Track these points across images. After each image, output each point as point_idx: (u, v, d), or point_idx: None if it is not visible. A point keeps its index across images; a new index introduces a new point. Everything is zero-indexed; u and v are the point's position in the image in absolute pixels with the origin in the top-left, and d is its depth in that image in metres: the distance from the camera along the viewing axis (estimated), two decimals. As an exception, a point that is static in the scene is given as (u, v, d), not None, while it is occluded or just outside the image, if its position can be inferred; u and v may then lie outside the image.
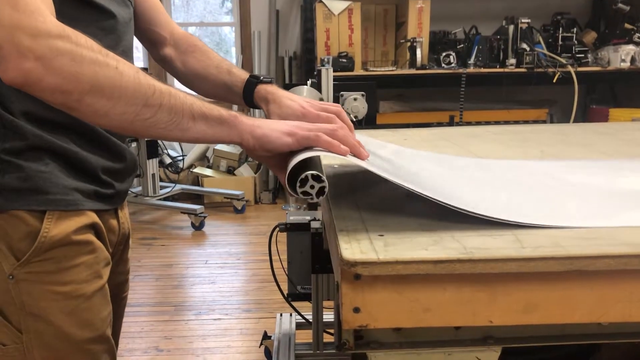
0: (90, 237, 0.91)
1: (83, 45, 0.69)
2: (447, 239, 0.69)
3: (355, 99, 1.96)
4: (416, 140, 1.49)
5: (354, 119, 1.94)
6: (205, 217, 4.10)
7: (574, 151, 1.27)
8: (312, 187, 0.76)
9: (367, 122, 1.99)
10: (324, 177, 0.76)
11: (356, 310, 0.68)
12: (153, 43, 1.14)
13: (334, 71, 3.31)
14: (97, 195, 0.92)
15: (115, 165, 0.95)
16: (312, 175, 0.76)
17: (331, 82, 2.02)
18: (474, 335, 0.75)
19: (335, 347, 0.72)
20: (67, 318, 0.89)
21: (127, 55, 0.98)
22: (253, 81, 1.05)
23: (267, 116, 1.00)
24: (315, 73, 2.17)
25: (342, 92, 2.01)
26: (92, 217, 0.92)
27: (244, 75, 1.07)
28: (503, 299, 0.68)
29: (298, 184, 0.76)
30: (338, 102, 2.04)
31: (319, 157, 0.83)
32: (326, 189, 0.77)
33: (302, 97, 1.00)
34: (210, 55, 1.12)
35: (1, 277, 0.85)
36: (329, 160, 1.13)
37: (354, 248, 0.67)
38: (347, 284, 0.67)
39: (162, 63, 1.15)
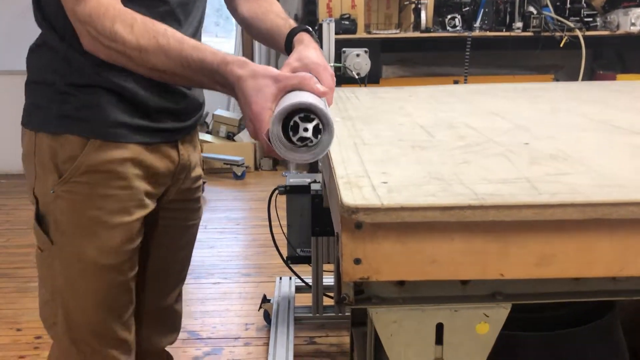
0: (127, 170, 0.96)
1: (101, 33, 0.85)
2: (457, 186, 0.64)
3: (357, 55, 1.89)
4: (421, 96, 1.43)
5: (357, 76, 1.87)
6: (204, 182, 4.04)
7: (587, 108, 1.21)
8: (305, 129, 0.70)
9: (370, 80, 1.92)
10: (318, 113, 0.69)
11: (357, 261, 0.64)
12: None
13: (336, 34, 3.22)
14: (147, 130, 0.98)
15: (173, 106, 1.01)
16: (301, 117, 0.70)
17: (332, 38, 1.94)
18: (482, 291, 0.70)
19: (335, 302, 0.68)
20: (85, 240, 0.96)
21: (195, 32, 1.04)
22: (297, 29, 1.05)
23: None
24: (316, 28, 2.08)
25: (344, 49, 1.94)
26: (135, 151, 0.96)
27: (295, 24, 1.08)
28: (516, 250, 0.63)
29: (291, 133, 0.71)
30: (340, 60, 1.97)
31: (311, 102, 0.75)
32: (323, 126, 0.70)
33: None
34: (272, 1, 1.15)
35: (46, 192, 0.96)
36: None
37: (355, 194, 0.62)
38: (347, 234, 0.63)
39: (232, 12, 1.18)
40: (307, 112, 0.70)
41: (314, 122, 0.71)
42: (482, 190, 0.62)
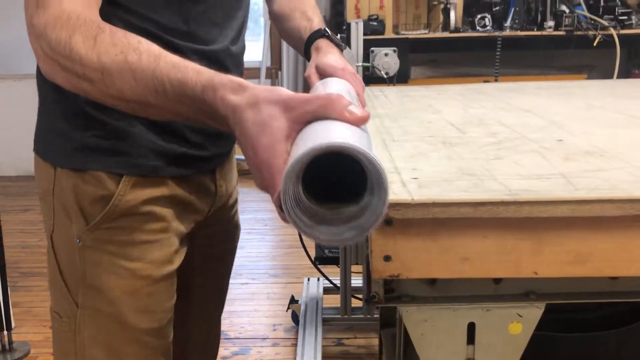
0: (164, 210, 0.82)
1: (54, 49, 0.63)
2: (490, 182, 0.63)
3: (386, 54, 1.88)
4: (450, 94, 1.41)
5: (385, 76, 1.87)
6: (233, 183, 4.07)
7: (624, 104, 1.18)
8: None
9: (398, 80, 1.91)
10: (361, 158, 0.43)
11: (387, 258, 0.63)
12: None
13: (364, 34, 3.21)
14: (184, 158, 0.82)
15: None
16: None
17: (361, 37, 1.94)
18: (515, 290, 0.69)
19: (364, 300, 0.67)
20: (128, 299, 0.80)
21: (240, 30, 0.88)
22: (314, 35, 0.91)
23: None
24: (344, 27, 2.08)
25: (372, 48, 1.94)
26: (173, 189, 0.82)
27: (317, 26, 0.93)
28: (551, 248, 0.61)
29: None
30: (368, 59, 1.96)
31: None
32: (370, 179, 0.45)
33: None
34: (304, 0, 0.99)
35: (69, 241, 0.80)
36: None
37: (385, 190, 0.61)
38: (377, 230, 0.61)
39: (268, 8, 1.05)
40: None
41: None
42: (515, 186, 0.61)
